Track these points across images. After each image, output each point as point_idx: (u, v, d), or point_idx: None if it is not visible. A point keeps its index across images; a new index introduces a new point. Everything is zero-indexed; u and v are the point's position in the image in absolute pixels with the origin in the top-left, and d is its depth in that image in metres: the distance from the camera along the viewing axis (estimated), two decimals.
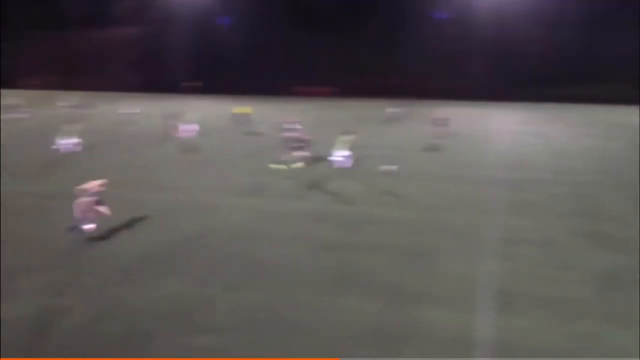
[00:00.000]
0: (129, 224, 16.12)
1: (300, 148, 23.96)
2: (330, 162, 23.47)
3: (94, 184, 14.92)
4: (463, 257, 13.93)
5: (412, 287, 12.16)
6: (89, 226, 14.65)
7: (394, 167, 23.29)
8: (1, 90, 50.32)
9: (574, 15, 57.11)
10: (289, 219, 17.02)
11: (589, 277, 12.80)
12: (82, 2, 62.10)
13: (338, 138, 24.01)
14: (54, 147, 26.61)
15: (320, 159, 24.40)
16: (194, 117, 31.83)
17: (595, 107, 50.62)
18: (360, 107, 47.65)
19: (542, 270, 13.17)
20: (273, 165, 23.49)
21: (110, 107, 45.42)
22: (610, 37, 55.69)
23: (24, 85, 61.24)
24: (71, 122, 29.71)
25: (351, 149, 23.61)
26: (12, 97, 44.48)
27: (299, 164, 23.71)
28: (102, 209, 14.91)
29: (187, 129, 28.69)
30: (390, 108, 40.16)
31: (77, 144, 27.04)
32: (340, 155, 23.31)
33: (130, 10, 62.17)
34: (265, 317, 10.91)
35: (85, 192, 14.61)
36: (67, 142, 26.84)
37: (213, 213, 17.50)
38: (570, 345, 9.94)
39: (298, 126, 29.66)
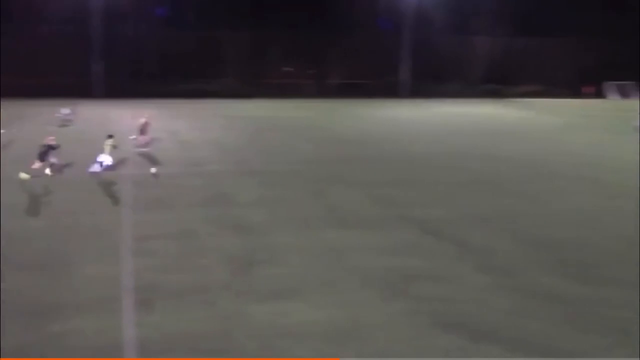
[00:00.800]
0: None
1: (46, 154, 21.17)
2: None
3: None
4: (100, 260, 13.11)
5: (48, 299, 10.90)
6: None
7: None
8: None
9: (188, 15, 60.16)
10: None
11: (224, 260, 13.29)
12: None
13: (105, 142, 21.06)
14: None
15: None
16: None
17: (211, 101, 53.89)
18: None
19: (180, 261, 13.17)
20: (21, 174, 20.34)
21: None
22: (224, 36, 60.43)
23: None
24: None
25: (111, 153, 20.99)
26: None
27: (47, 172, 21.05)
28: None
29: None
30: (62, 110, 36.76)
31: None
32: (103, 161, 20.71)
33: None
34: None
35: None
36: None
37: None
38: (215, 326, 10.09)
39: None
